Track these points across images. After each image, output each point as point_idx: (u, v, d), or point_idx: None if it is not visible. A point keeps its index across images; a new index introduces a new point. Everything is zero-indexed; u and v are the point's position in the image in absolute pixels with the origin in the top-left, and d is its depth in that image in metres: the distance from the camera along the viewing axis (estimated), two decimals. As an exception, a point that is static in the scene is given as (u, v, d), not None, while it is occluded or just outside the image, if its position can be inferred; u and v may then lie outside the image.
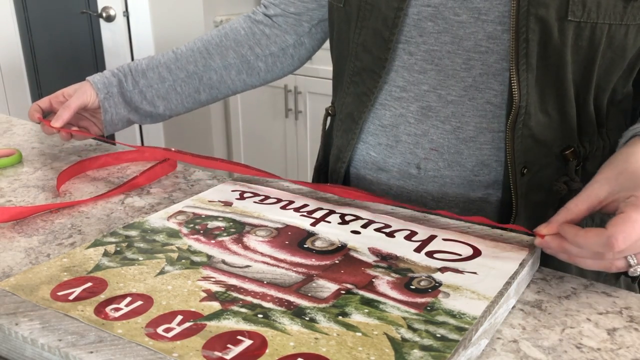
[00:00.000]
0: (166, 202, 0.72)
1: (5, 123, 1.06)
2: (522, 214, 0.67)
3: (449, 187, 0.69)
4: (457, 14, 0.64)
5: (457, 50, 0.65)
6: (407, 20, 0.67)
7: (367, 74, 0.71)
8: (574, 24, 0.60)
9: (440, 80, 0.67)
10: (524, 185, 0.66)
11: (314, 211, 0.64)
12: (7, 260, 0.58)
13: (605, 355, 0.44)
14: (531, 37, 0.60)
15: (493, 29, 0.63)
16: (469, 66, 0.65)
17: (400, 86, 0.69)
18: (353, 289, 0.48)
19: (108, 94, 0.86)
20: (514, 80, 0.62)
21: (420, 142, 0.70)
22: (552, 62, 0.62)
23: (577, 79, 0.64)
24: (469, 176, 0.69)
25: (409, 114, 0.69)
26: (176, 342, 0.41)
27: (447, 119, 0.68)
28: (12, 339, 0.44)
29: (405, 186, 0.72)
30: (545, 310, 0.50)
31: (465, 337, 0.42)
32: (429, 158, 0.69)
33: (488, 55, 0.64)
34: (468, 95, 0.66)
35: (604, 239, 0.48)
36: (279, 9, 0.89)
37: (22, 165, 0.85)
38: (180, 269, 0.52)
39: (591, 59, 0.62)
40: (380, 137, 0.72)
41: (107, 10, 2.53)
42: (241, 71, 0.90)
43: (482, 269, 0.52)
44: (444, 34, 0.65)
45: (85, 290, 0.48)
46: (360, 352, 0.40)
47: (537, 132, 0.65)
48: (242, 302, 0.46)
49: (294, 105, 2.30)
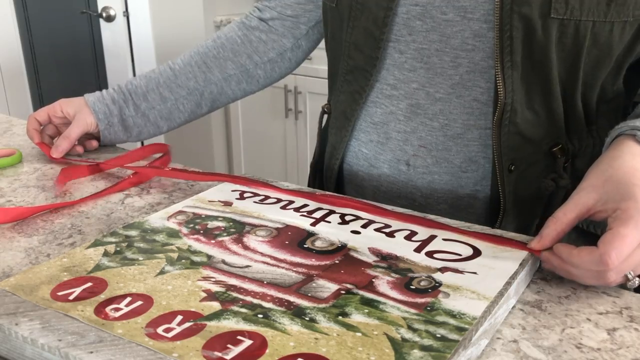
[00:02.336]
0: (166, 202, 0.72)
1: (5, 123, 1.06)
2: (510, 211, 0.67)
3: (438, 184, 0.70)
4: (444, 13, 0.65)
5: (445, 48, 0.66)
6: (397, 19, 0.68)
7: (359, 72, 0.72)
8: (557, 21, 0.60)
9: (429, 78, 0.67)
10: (511, 182, 0.66)
11: (314, 211, 0.64)
12: (7, 260, 0.58)
13: (605, 355, 0.44)
14: (515, 35, 0.61)
15: (479, 27, 0.64)
16: (456, 64, 0.66)
17: (391, 84, 0.70)
18: (353, 289, 0.48)
19: (109, 124, 0.87)
20: (499, 77, 0.63)
21: (410, 139, 0.70)
22: (536, 59, 0.62)
23: (563, 76, 0.64)
24: (457, 172, 0.69)
25: (399, 112, 0.70)
26: (176, 342, 0.41)
27: (435, 116, 0.68)
28: (12, 339, 0.44)
29: (395, 182, 0.73)
30: (545, 310, 0.50)
31: (465, 337, 0.42)
32: (418, 155, 0.70)
33: (474, 53, 0.65)
34: (455, 92, 0.66)
35: (597, 257, 0.48)
36: (275, 12, 0.88)
37: (22, 165, 0.85)
38: (180, 269, 0.52)
39: (576, 56, 0.63)
40: (372, 134, 0.73)
41: (107, 10, 2.53)
42: (241, 81, 0.90)
43: (482, 269, 0.52)
44: (432, 32, 0.66)
45: (85, 290, 0.48)
46: (360, 352, 0.40)
47: (523, 129, 0.65)
48: (242, 302, 0.46)
49: (294, 105, 2.30)
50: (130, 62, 2.60)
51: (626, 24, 0.62)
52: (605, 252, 0.48)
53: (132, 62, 2.60)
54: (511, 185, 0.66)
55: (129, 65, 2.60)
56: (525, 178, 0.67)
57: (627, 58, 0.66)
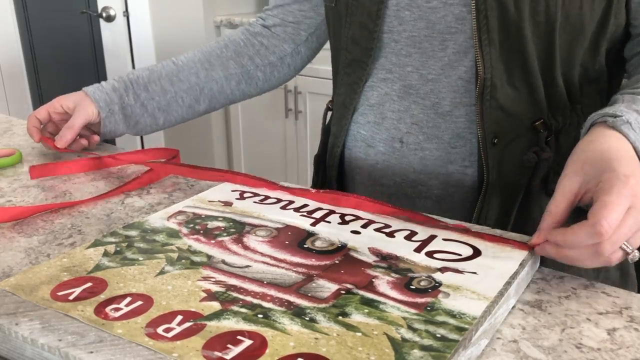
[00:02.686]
0: (166, 202, 0.72)
1: (5, 123, 1.06)
2: (494, 183, 0.71)
3: (429, 160, 0.75)
4: (428, 1, 0.71)
5: (432, 33, 0.72)
6: (388, 11, 0.74)
7: (357, 64, 0.78)
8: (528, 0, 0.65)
9: (423, 61, 0.73)
10: (495, 154, 0.70)
11: (314, 211, 0.64)
12: (7, 260, 0.58)
13: (605, 355, 0.44)
14: (490, 14, 0.66)
15: (459, 11, 0.70)
16: (444, 46, 0.72)
17: (387, 68, 0.76)
18: (353, 289, 0.48)
19: (110, 111, 0.87)
20: (478, 54, 0.68)
21: (403, 117, 0.76)
22: (512, 36, 0.67)
23: (540, 53, 0.68)
24: (447, 148, 0.73)
25: (393, 93, 0.76)
26: (176, 342, 0.41)
27: (426, 95, 0.74)
28: (12, 339, 0.44)
29: (390, 160, 0.77)
30: (545, 310, 0.50)
31: (465, 337, 0.42)
32: (411, 132, 0.75)
33: (458, 35, 0.70)
34: (444, 73, 0.72)
35: (590, 229, 0.49)
36: (277, 19, 0.94)
37: (22, 165, 0.85)
38: (180, 269, 0.52)
39: (550, 33, 0.67)
40: (369, 116, 0.79)
41: (107, 10, 2.54)
42: (241, 81, 0.93)
43: (482, 269, 0.52)
44: (419, 20, 0.72)
45: (85, 290, 0.48)
46: (360, 352, 0.40)
47: (505, 104, 0.69)
48: (242, 302, 0.46)
49: (294, 105, 2.30)
50: (130, 62, 2.60)
51: (594, 2, 0.66)
52: (595, 221, 0.48)
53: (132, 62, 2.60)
54: (495, 159, 0.70)
55: (129, 65, 2.60)
56: (509, 151, 0.71)
57: (601, 36, 0.70)
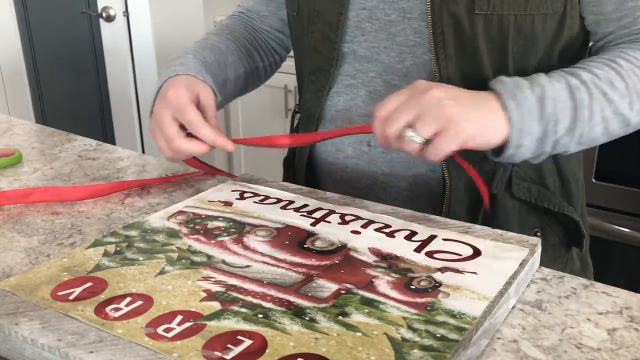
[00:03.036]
0: (166, 202, 0.72)
1: (5, 123, 1.06)
2: (458, 189, 0.71)
3: (396, 162, 0.76)
4: (387, 15, 0.72)
5: (392, 45, 0.73)
6: (349, 22, 0.75)
7: (321, 72, 0.79)
8: (482, 16, 0.67)
9: (383, 69, 0.75)
10: (455, 162, 0.70)
11: (314, 211, 0.64)
12: (7, 260, 0.58)
13: (605, 355, 0.44)
14: (446, 30, 0.68)
15: (417, 25, 0.71)
16: (401, 59, 0.73)
17: (350, 74, 0.77)
18: (353, 289, 0.48)
19: (216, 86, 0.85)
20: (435, 69, 0.70)
21: (370, 121, 0.76)
22: (468, 51, 0.69)
23: (495, 65, 0.70)
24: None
25: (359, 99, 0.77)
26: (176, 342, 0.41)
27: None
28: (12, 339, 0.44)
29: (359, 163, 0.78)
30: (545, 310, 0.50)
31: (465, 337, 0.42)
32: None
33: (416, 48, 0.72)
34: (407, 80, 0.74)
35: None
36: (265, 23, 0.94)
37: (22, 165, 0.85)
38: (180, 269, 0.52)
39: (503, 47, 0.69)
40: (337, 122, 0.79)
41: (107, 10, 2.53)
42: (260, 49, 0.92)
43: (482, 269, 0.52)
44: (380, 32, 0.74)
45: (85, 290, 0.48)
46: (360, 352, 0.40)
47: None
48: (242, 302, 0.46)
49: (294, 105, 2.30)
50: (130, 62, 2.60)
51: (547, 16, 0.68)
52: (376, 108, 0.62)
53: (132, 62, 2.60)
54: (455, 165, 0.70)
55: (129, 65, 2.60)
56: (469, 158, 0.70)
57: (554, 46, 0.71)
